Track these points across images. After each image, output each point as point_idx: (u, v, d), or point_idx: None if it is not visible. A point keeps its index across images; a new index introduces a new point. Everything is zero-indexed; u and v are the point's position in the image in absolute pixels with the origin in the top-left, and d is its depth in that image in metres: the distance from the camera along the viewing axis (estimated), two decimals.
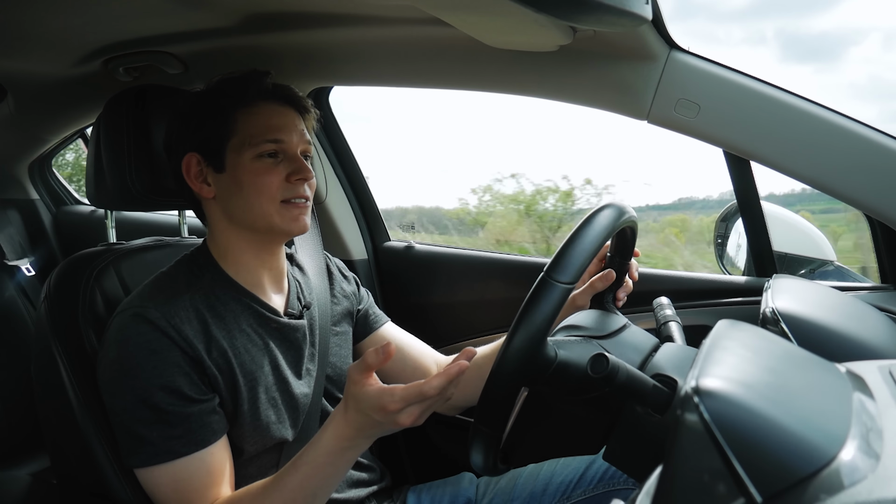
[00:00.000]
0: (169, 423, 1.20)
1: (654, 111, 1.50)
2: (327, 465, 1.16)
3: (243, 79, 1.35)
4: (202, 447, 1.22)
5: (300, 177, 1.33)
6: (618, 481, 1.43)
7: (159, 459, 1.20)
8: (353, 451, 1.16)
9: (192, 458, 1.21)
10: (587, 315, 1.22)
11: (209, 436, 1.23)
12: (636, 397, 0.92)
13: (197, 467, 1.21)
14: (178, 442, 1.20)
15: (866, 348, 1.08)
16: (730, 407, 0.54)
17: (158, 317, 1.22)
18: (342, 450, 1.15)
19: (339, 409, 1.15)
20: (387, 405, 1.06)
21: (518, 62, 1.58)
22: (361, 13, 1.56)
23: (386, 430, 1.12)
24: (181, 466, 1.20)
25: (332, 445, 1.15)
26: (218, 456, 1.24)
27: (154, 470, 1.21)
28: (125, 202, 1.55)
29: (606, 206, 1.08)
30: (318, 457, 1.16)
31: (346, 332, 1.59)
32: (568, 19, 1.21)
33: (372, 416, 1.08)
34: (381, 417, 1.07)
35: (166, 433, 1.20)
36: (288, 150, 1.33)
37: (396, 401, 1.06)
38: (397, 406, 1.06)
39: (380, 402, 1.07)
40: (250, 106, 1.33)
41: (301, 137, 1.36)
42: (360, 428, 1.12)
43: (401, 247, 2.28)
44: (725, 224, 1.94)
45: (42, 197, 3.03)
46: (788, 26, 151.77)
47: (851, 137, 1.39)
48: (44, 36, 1.73)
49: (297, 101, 1.39)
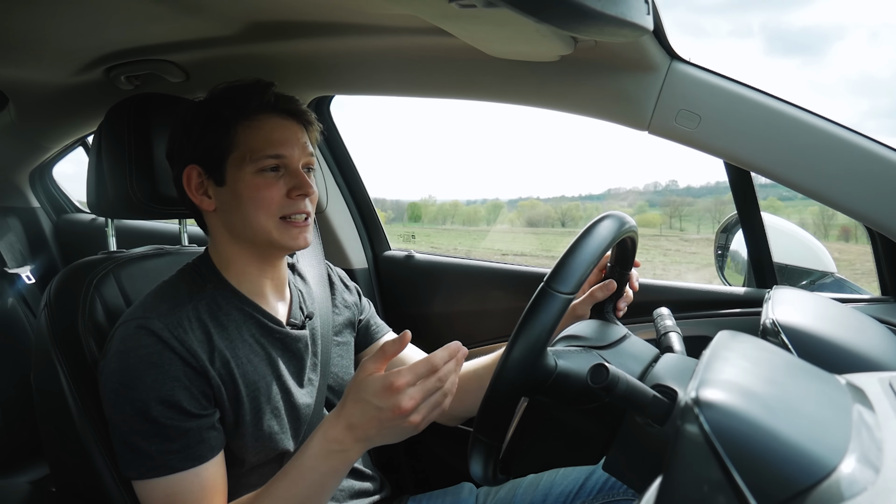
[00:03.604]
0: (167, 437, 1.19)
1: (654, 122, 1.50)
2: (312, 470, 1.15)
3: (245, 90, 1.33)
4: (199, 463, 1.21)
5: (301, 192, 1.31)
6: (617, 492, 1.42)
7: (156, 473, 1.19)
8: (339, 457, 1.14)
9: (187, 473, 1.20)
10: (587, 325, 1.22)
11: (206, 452, 1.22)
12: (636, 408, 0.92)
13: (191, 482, 1.20)
14: (175, 457, 1.19)
15: (866, 360, 1.08)
16: (730, 418, 0.54)
17: (161, 328, 1.22)
18: (328, 453, 1.13)
19: (334, 411, 1.15)
20: (393, 381, 1.05)
21: (519, 72, 1.59)
22: (363, 22, 1.56)
23: (381, 431, 1.10)
24: (176, 481, 1.20)
25: (318, 448, 1.14)
26: (213, 472, 1.24)
27: (149, 483, 1.20)
28: (126, 210, 1.55)
29: (607, 217, 1.08)
30: (305, 460, 1.15)
31: (348, 342, 1.59)
32: (569, 29, 1.21)
33: (373, 401, 1.07)
34: (384, 401, 1.06)
35: (164, 447, 1.19)
36: (290, 165, 1.32)
37: (403, 375, 1.06)
38: (404, 381, 1.05)
39: (385, 381, 1.06)
40: (252, 119, 1.31)
41: (303, 151, 1.35)
42: (353, 425, 1.10)
43: (401, 256, 2.28)
44: (726, 235, 1.94)
45: (43, 205, 3.04)
46: (772, 20, 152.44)
47: (852, 149, 1.39)
48: (46, 44, 1.73)
49: (301, 114, 1.37)
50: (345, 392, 1.14)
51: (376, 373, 1.09)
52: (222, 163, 1.31)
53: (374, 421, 1.09)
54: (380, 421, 1.08)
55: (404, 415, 1.07)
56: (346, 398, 1.12)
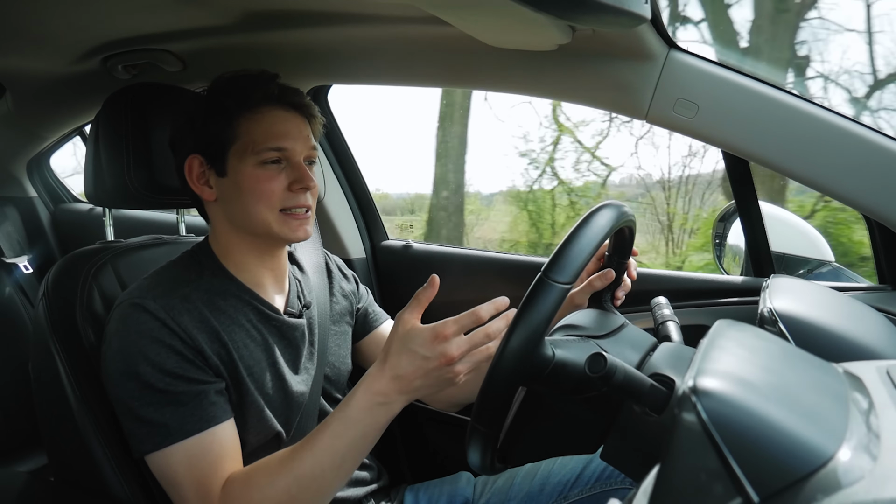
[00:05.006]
0: (179, 402, 1.20)
1: (652, 111, 1.50)
2: (357, 422, 1.14)
3: (249, 81, 1.33)
4: (213, 424, 1.22)
5: (302, 186, 1.32)
6: (615, 481, 1.43)
7: (172, 440, 1.19)
8: (384, 410, 1.14)
9: (204, 434, 1.20)
10: (585, 314, 1.22)
11: (219, 413, 1.23)
12: (634, 397, 0.92)
13: (210, 442, 1.21)
14: (190, 419, 1.20)
15: (864, 349, 1.08)
16: (727, 407, 0.54)
17: (157, 308, 1.22)
18: (372, 405, 1.13)
19: (375, 364, 1.15)
20: (442, 330, 1.08)
21: (517, 61, 1.58)
22: (361, 12, 1.56)
23: (426, 381, 1.11)
24: (194, 443, 1.20)
25: (362, 401, 1.14)
26: (228, 433, 1.24)
27: (167, 452, 1.20)
28: (123, 200, 1.55)
29: (604, 206, 1.08)
30: (349, 412, 1.15)
31: (346, 331, 1.59)
32: (567, 18, 1.21)
33: (420, 351, 1.09)
34: (432, 349, 1.08)
35: (178, 413, 1.19)
36: (291, 158, 1.32)
37: (450, 325, 1.08)
38: (451, 330, 1.08)
39: (434, 330, 1.08)
40: (254, 111, 1.31)
41: (305, 143, 1.35)
42: (399, 376, 1.11)
43: (399, 246, 2.28)
44: (724, 224, 1.94)
45: (40, 194, 3.03)
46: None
47: (850, 138, 1.39)
48: (43, 33, 1.73)
49: (304, 108, 1.37)
50: (384, 347, 1.14)
51: (416, 323, 1.11)
52: (224, 153, 1.31)
53: (420, 370, 1.10)
54: (426, 371, 1.10)
55: (451, 363, 1.08)
56: (389, 352, 1.13)
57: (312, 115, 1.39)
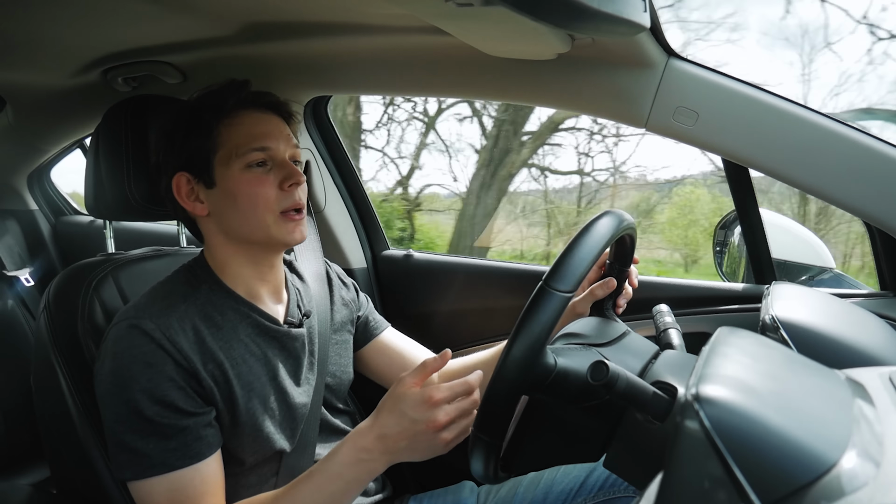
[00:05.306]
0: (164, 435, 1.19)
1: (652, 119, 1.50)
2: (338, 476, 1.15)
3: (221, 90, 1.34)
4: (197, 460, 1.21)
5: (292, 182, 1.31)
6: (618, 489, 1.42)
7: (154, 472, 1.18)
8: (366, 466, 1.15)
9: (187, 470, 1.20)
10: (587, 322, 1.22)
11: (204, 449, 1.22)
12: (636, 405, 0.92)
13: (191, 478, 1.20)
14: (173, 455, 1.19)
15: (866, 355, 1.08)
16: (730, 414, 0.54)
17: (153, 328, 1.21)
18: (356, 461, 1.14)
19: (367, 419, 1.16)
20: (432, 395, 1.08)
21: (516, 70, 1.58)
22: (359, 22, 1.56)
23: (411, 445, 1.12)
24: (175, 479, 1.19)
25: (347, 455, 1.15)
26: (212, 469, 1.23)
27: (147, 483, 1.19)
28: (124, 212, 1.55)
29: (605, 214, 1.08)
30: (332, 466, 1.16)
31: (346, 340, 1.59)
32: (566, 27, 1.21)
33: (409, 413, 1.09)
34: (420, 413, 1.08)
35: (162, 446, 1.18)
36: (276, 157, 1.32)
37: (441, 391, 1.08)
38: (441, 396, 1.08)
39: (424, 394, 1.09)
40: (232, 116, 1.32)
41: (288, 142, 1.35)
42: (385, 436, 1.12)
43: (400, 255, 2.28)
44: (725, 232, 1.94)
45: (41, 207, 3.04)
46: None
47: (850, 145, 1.39)
48: (43, 47, 1.73)
49: (279, 107, 1.38)
50: (379, 403, 1.15)
51: (414, 387, 1.12)
52: (209, 164, 1.31)
53: (406, 433, 1.11)
54: (413, 434, 1.10)
55: (437, 430, 1.09)
56: (382, 409, 1.14)
57: (290, 114, 1.40)
